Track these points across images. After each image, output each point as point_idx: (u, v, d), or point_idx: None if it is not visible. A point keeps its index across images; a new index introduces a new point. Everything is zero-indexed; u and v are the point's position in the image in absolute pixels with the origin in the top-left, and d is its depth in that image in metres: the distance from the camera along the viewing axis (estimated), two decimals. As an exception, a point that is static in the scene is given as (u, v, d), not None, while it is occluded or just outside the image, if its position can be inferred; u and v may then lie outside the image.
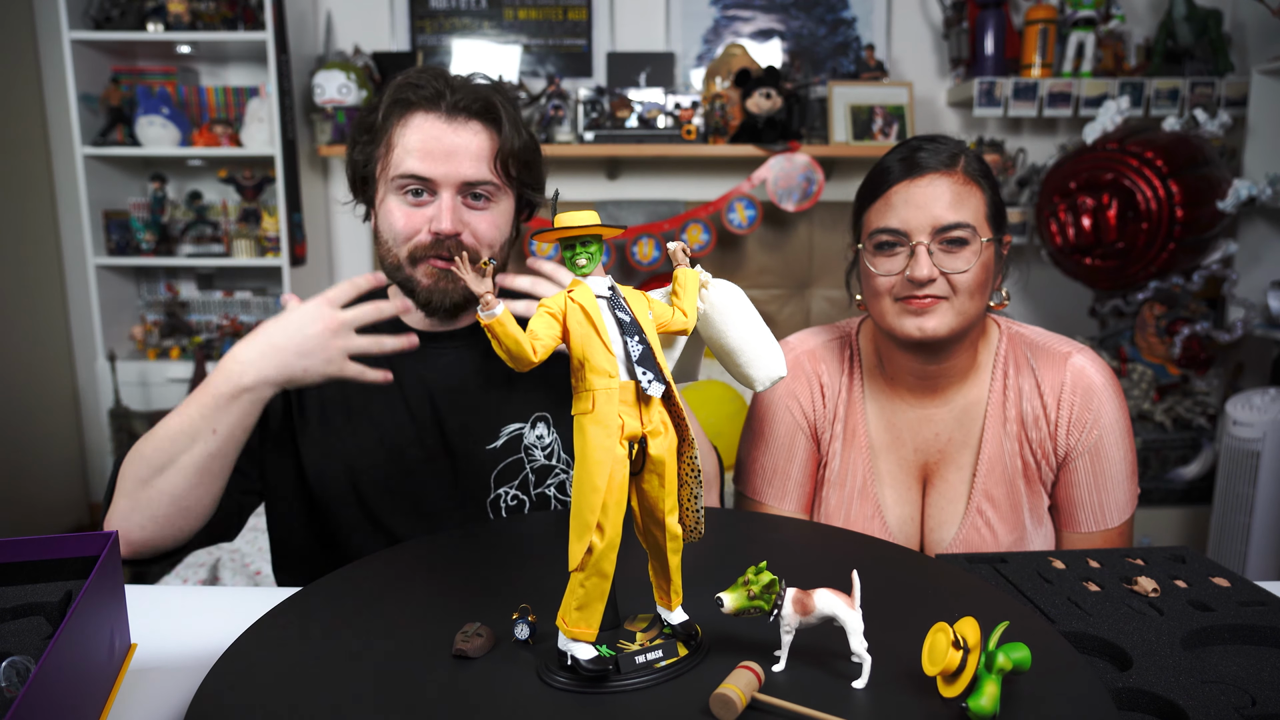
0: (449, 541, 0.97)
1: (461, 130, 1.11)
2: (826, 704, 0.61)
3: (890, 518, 1.22)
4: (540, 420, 1.23)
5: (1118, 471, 1.17)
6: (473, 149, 1.12)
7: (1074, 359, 1.18)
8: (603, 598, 0.64)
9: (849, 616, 0.65)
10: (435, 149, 1.10)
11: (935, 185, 1.09)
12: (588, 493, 0.62)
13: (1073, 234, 2.81)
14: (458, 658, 0.69)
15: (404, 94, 1.12)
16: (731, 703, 0.60)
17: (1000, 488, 1.18)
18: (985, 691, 0.60)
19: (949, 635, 0.62)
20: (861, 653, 0.65)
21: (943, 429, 1.21)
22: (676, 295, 0.73)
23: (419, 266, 1.14)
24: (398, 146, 1.12)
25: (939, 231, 1.08)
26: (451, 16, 3.34)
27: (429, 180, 1.11)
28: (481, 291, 0.61)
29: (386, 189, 1.14)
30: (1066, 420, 1.16)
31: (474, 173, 1.12)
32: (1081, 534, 1.19)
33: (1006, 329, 1.23)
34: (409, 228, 1.12)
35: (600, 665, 0.65)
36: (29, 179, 3.34)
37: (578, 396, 0.64)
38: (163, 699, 0.78)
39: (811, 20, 3.37)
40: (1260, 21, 3.07)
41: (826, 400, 1.25)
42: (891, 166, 1.12)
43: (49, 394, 3.44)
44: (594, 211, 0.65)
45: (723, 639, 0.71)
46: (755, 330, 0.79)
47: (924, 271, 1.07)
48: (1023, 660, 0.61)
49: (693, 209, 3.14)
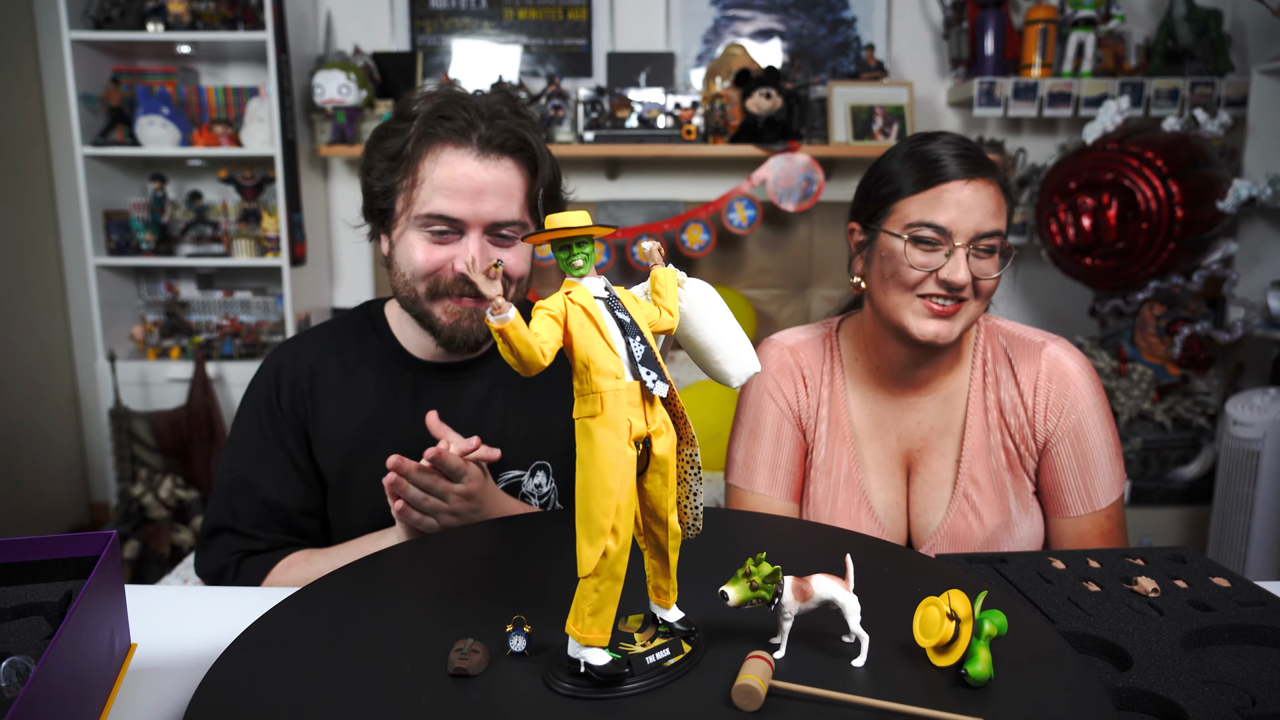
0: (448, 542, 0.97)
1: (492, 168, 1.08)
2: (832, 683, 0.64)
3: (876, 504, 1.23)
4: (540, 469, 1.22)
5: (1100, 453, 1.18)
6: (503, 187, 1.08)
7: (1048, 348, 1.20)
8: (615, 601, 0.64)
9: (846, 599, 0.68)
10: (465, 187, 1.07)
11: (984, 192, 1.10)
12: (600, 496, 0.61)
13: (1073, 234, 2.81)
14: (458, 676, 0.66)
15: (432, 127, 1.08)
16: (755, 692, 0.61)
17: (984, 474, 1.20)
18: (980, 658, 0.64)
19: (940, 608, 0.66)
20: (860, 632, 0.68)
21: (925, 417, 1.24)
22: (659, 294, 0.71)
23: (437, 303, 1.12)
24: (425, 182, 1.08)
25: (980, 237, 1.09)
26: (451, 16, 3.34)
27: (457, 221, 1.08)
28: (492, 295, 0.59)
29: (408, 224, 1.11)
30: (1044, 407, 1.18)
31: (504, 214, 1.09)
32: (1071, 518, 1.20)
33: (983, 321, 1.26)
34: (430, 263, 1.10)
35: (617, 669, 0.64)
36: (29, 179, 3.34)
37: (583, 400, 0.62)
38: (163, 699, 0.78)
39: (811, 20, 3.37)
40: (1260, 21, 3.07)
41: (810, 390, 1.27)
42: (945, 161, 1.10)
43: (49, 394, 3.44)
44: (585, 211, 0.64)
45: (718, 633, 0.72)
46: (730, 328, 0.80)
47: (962, 276, 1.08)
48: (1001, 625, 0.66)
49: (693, 209, 3.14)
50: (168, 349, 3.28)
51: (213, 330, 3.42)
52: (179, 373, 3.20)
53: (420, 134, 1.08)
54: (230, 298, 3.46)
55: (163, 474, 3.09)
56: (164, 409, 3.17)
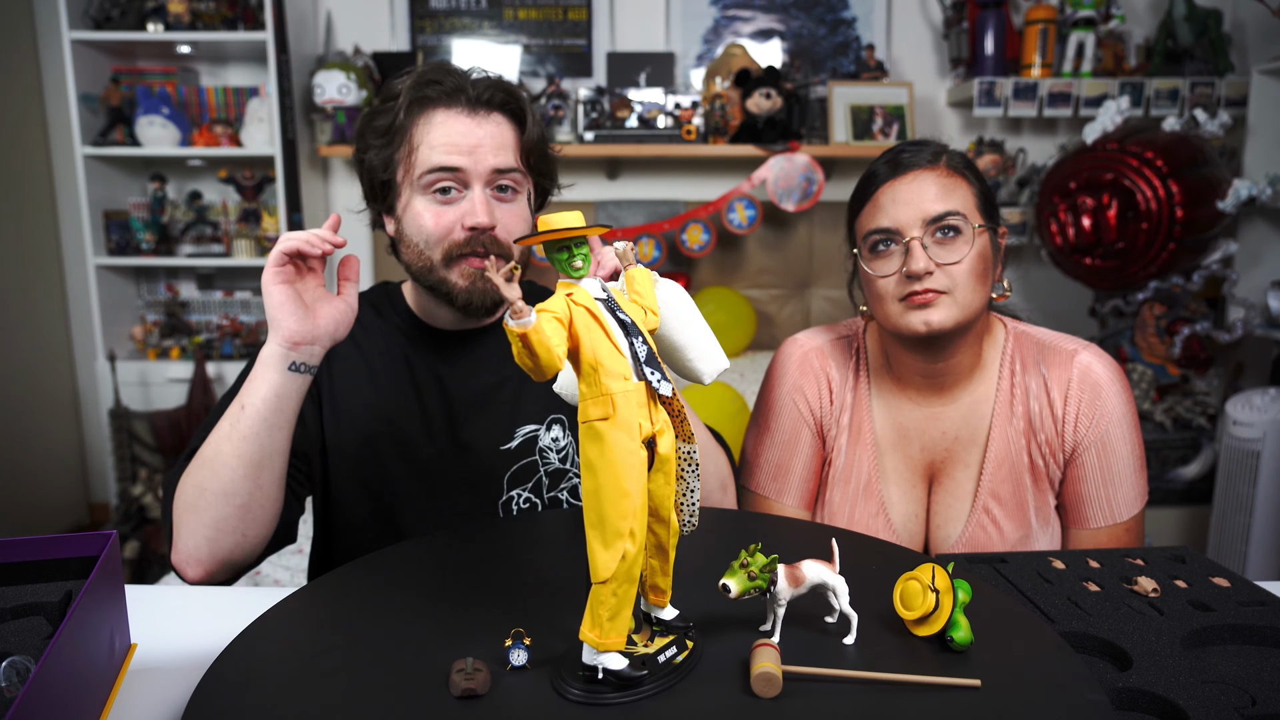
0: (445, 543, 0.97)
1: (485, 122, 1.11)
2: (831, 662, 0.68)
3: (895, 515, 1.22)
4: (555, 422, 1.22)
5: (1125, 466, 1.17)
6: (498, 139, 1.11)
7: (1080, 356, 1.18)
8: (631, 604, 0.63)
9: (836, 580, 0.71)
10: (462, 143, 1.09)
11: (920, 180, 1.11)
12: (616, 499, 0.60)
13: (1073, 234, 2.81)
14: (466, 698, 0.64)
15: (422, 91, 1.10)
16: (775, 678, 0.63)
17: (1006, 486, 1.18)
18: (961, 625, 0.69)
19: (920, 582, 0.71)
20: (849, 611, 0.71)
21: (949, 427, 1.21)
22: (638, 294, 0.70)
23: (453, 268, 1.12)
24: (422, 144, 1.10)
25: (930, 223, 1.09)
26: (451, 16, 3.34)
27: (459, 172, 1.10)
28: (513, 298, 0.57)
29: (412, 191, 1.12)
30: (1074, 416, 1.16)
31: (503, 161, 1.11)
32: (1090, 530, 1.18)
33: (1013, 329, 1.24)
34: (441, 227, 1.11)
35: (637, 671, 0.64)
36: (29, 179, 3.34)
37: (593, 402, 0.61)
38: (162, 699, 0.78)
39: (811, 20, 3.37)
40: (1260, 21, 3.07)
41: (834, 397, 1.26)
42: (877, 170, 1.15)
43: (49, 394, 3.44)
44: (579, 212, 0.63)
45: (706, 626, 0.73)
46: (701, 326, 0.81)
47: (920, 264, 1.08)
48: (968, 593, 0.71)
49: (693, 209, 3.14)
50: (168, 349, 3.28)
51: (213, 330, 3.42)
52: (179, 373, 3.20)
53: (410, 101, 1.11)
54: (230, 298, 3.46)
55: (163, 474, 3.09)
56: (164, 409, 3.17)
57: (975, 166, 1.16)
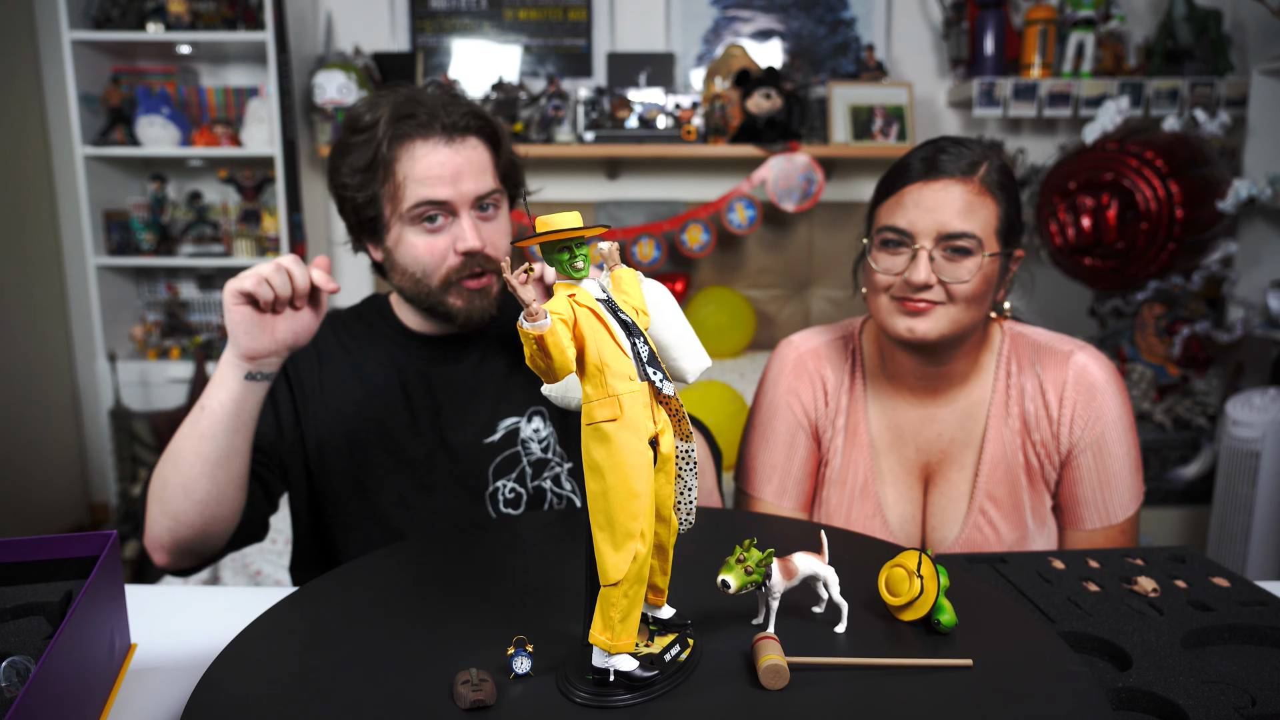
0: (444, 543, 0.97)
1: (462, 148, 1.16)
2: (826, 650, 0.71)
3: (891, 516, 1.22)
4: (536, 414, 1.26)
5: (1121, 467, 1.17)
6: (476, 164, 1.16)
7: (1076, 356, 1.18)
8: (641, 604, 0.63)
9: (826, 571, 0.73)
10: (444, 173, 1.14)
11: (948, 191, 1.08)
12: (626, 500, 0.59)
13: (1072, 234, 2.81)
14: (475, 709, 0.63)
15: (400, 128, 1.14)
16: (783, 670, 0.65)
17: (1002, 488, 1.18)
18: (946, 608, 0.73)
19: (905, 568, 0.74)
20: (840, 600, 0.73)
21: (945, 429, 1.21)
22: (626, 294, 0.70)
23: (450, 291, 1.18)
24: (407, 179, 1.14)
25: (943, 238, 1.08)
26: (451, 17, 3.34)
27: (446, 203, 1.15)
28: (529, 300, 0.57)
29: (402, 224, 1.17)
30: (1069, 417, 1.16)
31: (483, 186, 1.16)
32: (1086, 531, 1.19)
33: (1009, 330, 1.23)
34: (435, 255, 1.16)
35: (650, 671, 0.64)
36: (29, 179, 3.34)
37: (600, 404, 0.60)
38: (162, 699, 0.78)
39: (811, 20, 3.37)
40: (1260, 21, 3.07)
41: (829, 399, 1.26)
42: (911, 165, 1.11)
43: (49, 394, 3.44)
44: (577, 212, 0.62)
45: (701, 623, 0.74)
46: (685, 326, 0.82)
47: (921, 276, 1.07)
48: (946, 577, 0.74)
49: (693, 209, 3.14)
50: (168, 349, 3.28)
51: (213, 330, 3.42)
52: (179, 373, 3.20)
53: (390, 137, 1.14)
54: (230, 298, 3.46)
55: (163, 474, 3.09)
56: (164, 409, 3.17)
57: (1012, 184, 1.12)
